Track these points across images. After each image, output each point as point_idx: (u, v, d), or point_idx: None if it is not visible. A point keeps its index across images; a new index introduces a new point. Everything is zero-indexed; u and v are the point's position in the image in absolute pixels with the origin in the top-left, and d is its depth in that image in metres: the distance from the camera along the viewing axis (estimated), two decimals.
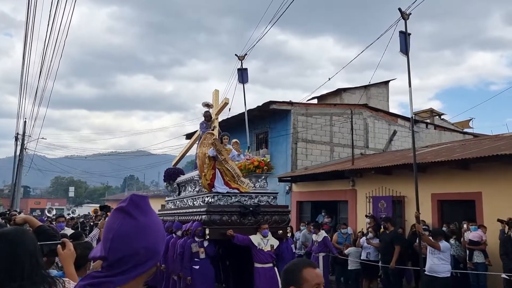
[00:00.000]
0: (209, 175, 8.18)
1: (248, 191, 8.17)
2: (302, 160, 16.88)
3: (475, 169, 9.61)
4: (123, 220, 1.24)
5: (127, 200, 1.28)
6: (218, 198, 7.99)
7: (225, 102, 10.74)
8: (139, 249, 1.22)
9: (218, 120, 10.76)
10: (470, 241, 8.65)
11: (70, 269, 2.12)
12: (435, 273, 7.45)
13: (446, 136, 20.24)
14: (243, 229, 7.64)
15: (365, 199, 12.39)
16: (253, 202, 8.11)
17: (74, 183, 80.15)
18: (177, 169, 11.79)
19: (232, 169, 8.20)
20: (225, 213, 7.75)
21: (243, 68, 12.88)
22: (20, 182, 28.72)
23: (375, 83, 21.27)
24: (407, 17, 8.25)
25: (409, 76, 8.25)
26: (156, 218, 1.31)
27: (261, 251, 7.47)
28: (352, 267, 10.24)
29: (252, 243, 7.49)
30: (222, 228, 7.59)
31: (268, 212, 8.01)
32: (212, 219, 7.63)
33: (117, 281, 1.20)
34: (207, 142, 8.90)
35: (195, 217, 8.14)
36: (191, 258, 7.72)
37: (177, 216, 9.56)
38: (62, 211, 43.42)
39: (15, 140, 28.26)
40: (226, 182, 8.16)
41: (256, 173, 8.60)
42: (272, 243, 7.64)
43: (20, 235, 1.79)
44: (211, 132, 9.40)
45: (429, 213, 10.48)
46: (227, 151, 8.49)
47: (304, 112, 17.37)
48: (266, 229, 7.63)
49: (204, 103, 10.47)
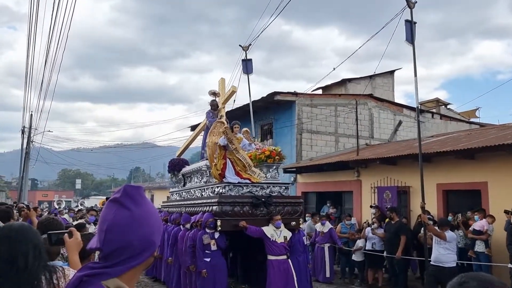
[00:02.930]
0: (220, 164, 7.94)
1: (260, 182, 7.96)
2: (307, 151, 16.86)
3: (481, 159, 9.55)
4: (117, 211, 1.24)
5: (121, 191, 1.27)
6: (229, 188, 7.75)
7: (233, 90, 10.54)
8: (133, 240, 1.22)
9: (225, 109, 10.57)
10: (473, 231, 8.62)
11: (74, 258, 2.15)
12: (440, 263, 7.44)
13: (452, 126, 20.10)
14: (255, 221, 7.47)
15: (370, 190, 12.38)
16: (264, 193, 7.90)
17: (81, 176, 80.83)
18: (182, 160, 11.62)
19: (243, 159, 7.97)
20: (237, 204, 7.51)
21: (247, 58, 12.82)
22: (27, 175, 28.95)
23: (381, 73, 21.12)
24: (413, 6, 8.16)
25: (415, 66, 8.18)
26: (150, 208, 1.30)
27: (274, 242, 7.31)
28: (357, 258, 10.27)
29: (265, 234, 7.32)
30: (234, 220, 7.39)
31: (280, 203, 7.81)
32: (223, 210, 7.41)
33: (113, 272, 1.20)
34: (218, 131, 8.59)
35: (204, 208, 7.92)
36: (203, 250, 7.52)
37: (184, 207, 9.40)
38: (69, 203, 43.82)
39: (21, 133, 28.43)
40: (237, 172, 7.94)
41: (268, 163, 8.40)
42: (285, 234, 7.48)
43: (26, 229, 1.87)
44: (221, 121, 9.04)
45: (435, 203, 10.45)
46: (238, 140, 8.24)
47: (309, 102, 17.31)
48: (279, 220, 7.45)
49: (211, 92, 10.22)
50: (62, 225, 2.94)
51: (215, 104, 10.13)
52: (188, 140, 12.57)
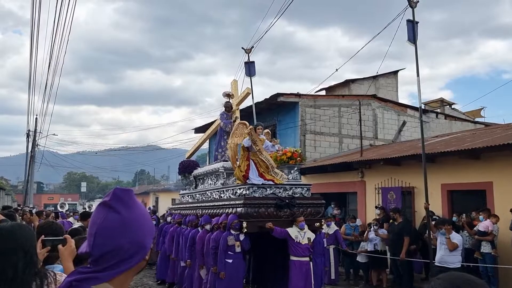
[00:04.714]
0: (244, 166, 7.89)
1: (283, 183, 7.96)
2: (310, 152, 16.82)
3: (486, 159, 9.48)
4: (107, 215, 1.22)
5: (110, 194, 1.26)
6: (253, 190, 7.74)
7: (247, 92, 10.53)
8: (123, 244, 1.20)
9: (239, 110, 10.52)
10: (478, 231, 8.55)
11: (68, 265, 2.14)
12: (445, 264, 7.39)
13: (457, 126, 19.98)
14: (279, 222, 7.45)
15: (374, 191, 12.33)
16: (287, 194, 7.89)
17: (86, 179, 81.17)
18: (193, 162, 11.52)
19: (266, 160, 7.96)
20: (261, 206, 7.50)
21: (250, 61, 12.81)
22: (33, 178, 29.12)
23: (384, 74, 21.06)
24: (414, 5, 8.14)
25: (417, 65, 8.15)
26: (141, 211, 1.29)
27: (298, 244, 7.32)
28: (362, 259, 10.23)
29: (289, 236, 7.33)
30: (259, 221, 7.38)
31: (303, 204, 7.82)
32: (249, 212, 7.39)
33: (103, 277, 1.19)
34: (240, 132, 8.61)
35: (227, 209, 7.90)
36: (226, 252, 7.51)
37: (200, 209, 9.34)
38: (75, 206, 43.99)
39: (26, 137, 28.61)
40: (260, 174, 7.91)
41: (289, 164, 8.40)
42: (309, 236, 7.49)
43: (15, 231, 1.75)
44: (244, 122, 9.03)
45: (439, 203, 10.38)
46: (261, 141, 8.23)
47: (312, 104, 17.27)
48: (303, 221, 7.46)
49: (225, 93, 10.18)
50: (62, 229, 2.92)
51: (229, 106, 10.08)
52: (199, 141, 12.44)
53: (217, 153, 10.00)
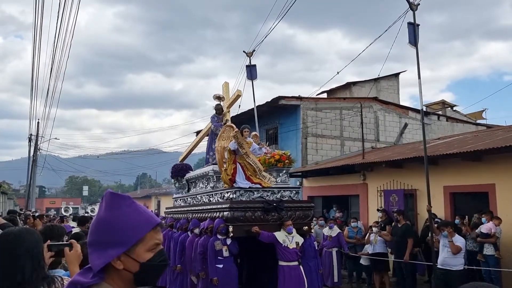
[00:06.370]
0: (230, 169, 7.79)
1: (270, 186, 7.83)
2: (312, 155, 16.81)
3: (488, 161, 9.46)
4: (96, 214, 1.42)
5: (102, 197, 1.43)
6: (240, 193, 7.63)
7: (238, 94, 10.45)
8: (100, 239, 1.34)
9: (230, 113, 10.48)
10: (481, 234, 8.52)
11: (75, 270, 2.14)
12: (448, 266, 7.36)
13: (458, 128, 19.95)
14: (266, 226, 7.31)
15: (376, 193, 12.30)
16: (275, 198, 7.75)
17: (88, 182, 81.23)
18: (185, 165, 11.45)
19: (253, 163, 7.85)
20: (248, 209, 7.34)
21: (251, 64, 12.83)
22: (35, 182, 29.15)
23: (385, 76, 21.05)
24: (415, 8, 8.14)
25: (418, 68, 8.15)
26: (124, 213, 1.37)
27: (286, 248, 7.17)
28: (365, 262, 10.19)
29: (277, 240, 7.18)
30: (246, 225, 7.24)
31: (291, 207, 7.66)
32: (235, 216, 7.25)
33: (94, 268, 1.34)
34: (227, 135, 8.44)
35: (214, 214, 7.77)
36: (215, 257, 7.33)
37: (190, 213, 9.26)
38: (77, 210, 44.01)
39: (28, 141, 28.67)
40: (247, 177, 7.80)
41: (277, 167, 8.27)
42: (297, 240, 7.35)
43: (23, 235, 1.76)
44: (230, 125, 8.87)
45: (442, 206, 10.36)
46: (248, 144, 8.12)
47: (314, 106, 17.28)
48: (291, 225, 7.31)
49: (215, 96, 10.13)
50: (64, 231, 2.93)
51: (220, 108, 10.02)
52: (191, 145, 12.45)
53: (208, 156, 9.96)
